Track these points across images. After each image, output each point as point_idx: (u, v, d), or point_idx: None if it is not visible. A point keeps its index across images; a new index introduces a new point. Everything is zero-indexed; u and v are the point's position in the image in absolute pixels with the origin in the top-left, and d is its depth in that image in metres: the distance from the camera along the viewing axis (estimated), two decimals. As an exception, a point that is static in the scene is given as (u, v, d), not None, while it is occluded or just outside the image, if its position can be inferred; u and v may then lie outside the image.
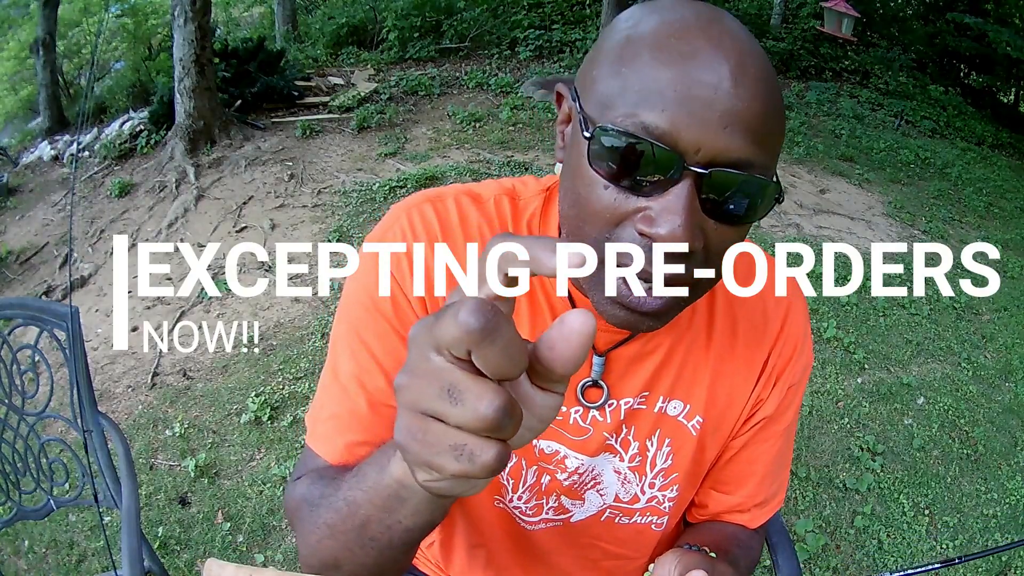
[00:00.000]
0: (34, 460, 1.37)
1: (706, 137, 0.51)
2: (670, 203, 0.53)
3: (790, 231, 4.55)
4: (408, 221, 0.71)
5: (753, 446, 0.81)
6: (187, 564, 2.13)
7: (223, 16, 11.11)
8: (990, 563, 2.24)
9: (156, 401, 2.93)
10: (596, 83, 0.56)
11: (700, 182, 0.53)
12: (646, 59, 0.53)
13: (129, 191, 4.97)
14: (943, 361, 3.37)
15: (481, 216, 0.71)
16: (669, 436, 0.77)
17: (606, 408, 0.74)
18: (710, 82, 0.51)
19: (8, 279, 4.36)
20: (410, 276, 0.69)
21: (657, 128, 0.52)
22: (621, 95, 0.53)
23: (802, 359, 0.78)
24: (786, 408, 0.80)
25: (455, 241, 0.70)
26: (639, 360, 0.73)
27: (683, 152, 0.52)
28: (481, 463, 0.35)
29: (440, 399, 0.35)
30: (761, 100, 0.53)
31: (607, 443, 0.77)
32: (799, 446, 2.66)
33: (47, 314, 1.32)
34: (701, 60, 0.52)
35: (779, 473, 0.85)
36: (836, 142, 6.35)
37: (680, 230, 0.52)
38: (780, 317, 0.77)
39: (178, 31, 5.07)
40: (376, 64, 7.48)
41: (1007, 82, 10.27)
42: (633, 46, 0.54)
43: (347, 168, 5.10)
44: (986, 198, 5.81)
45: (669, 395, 0.75)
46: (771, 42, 8.33)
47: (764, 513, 0.85)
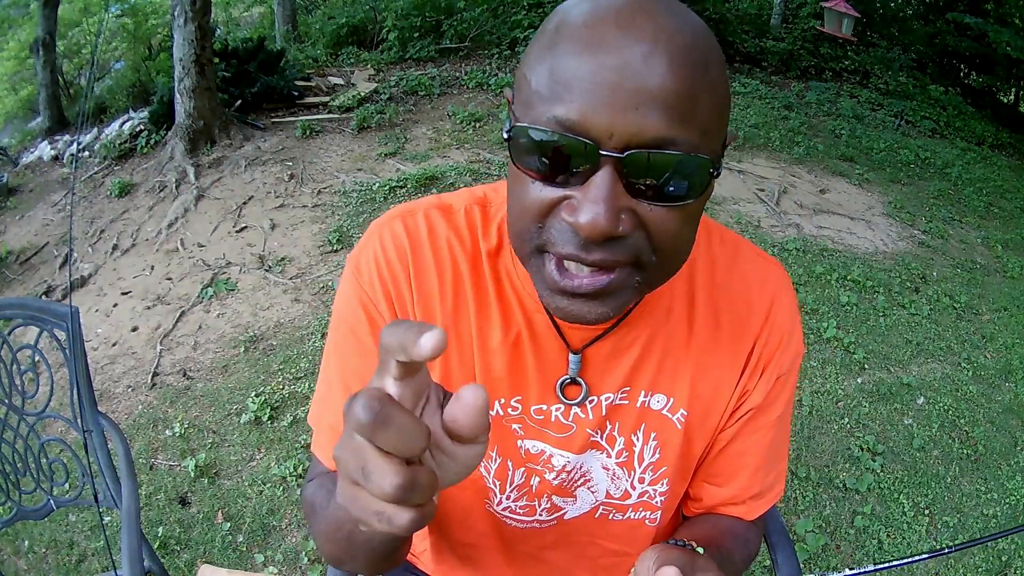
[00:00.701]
0: (34, 460, 1.38)
1: (616, 121, 0.51)
2: (591, 191, 0.53)
3: (790, 231, 4.54)
4: (379, 240, 0.74)
5: (743, 438, 0.80)
6: (187, 564, 2.13)
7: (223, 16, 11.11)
8: (990, 563, 2.24)
9: (156, 401, 2.93)
10: (523, 81, 0.57)
11: (620, 166, 0.53)
12: (560, 52, 0.54)
13: (129, 191, 4.97)
14: (943, 361, 3.37)
15: (449, 228, 0.73)
16: (655, 430, 0.77)
17: (587, 405, 0.75)
18: (616, 65, 0.51)
19: (8, 279, 4.36)
20: (383, 296, 0.73)
21: (568, 120, 0.52)
22: (539, 92, 0.54)
23: (790, 349, 0.77)
24: (775, 399, 0.78)
25: (423, 256, 0.72)
26: (617, 355, 0.74)
27: (597, 139, 0.52)
28: (399, 525, 0.40)
29: (357, 473, 0.40)
30: (678, 76, 0.51)
31: (592, 440, 0.77)
32: (799, 446, 2.67)
33: (47, 314, 1.33)
34: (608, 46, 0.52)
35: (774, 465, 0.83)
36: (836, 142, 6.35)
37: (601, 217, 0.53)
38: (765, 307, 0.76)
39: (178, 31, 5.07)
40: (376, 64, 7.48)
41: (1007, 82, 10.26)
42: (553, 39, 0.55)
43: (347, 168, 5.10)
44: (986, 198, 5.81)
45: (651, 389, 0.75)
46: (771, 42, 8.34)
47: (760, 505, 0.84)
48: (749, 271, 0.76)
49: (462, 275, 0.72)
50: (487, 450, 0.74)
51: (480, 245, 0.73)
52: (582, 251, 0.56)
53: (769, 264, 0.78)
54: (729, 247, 0.77)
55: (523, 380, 0.74)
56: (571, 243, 0.56)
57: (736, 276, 0.76)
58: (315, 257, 4.01)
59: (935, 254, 4.59)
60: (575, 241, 0.55)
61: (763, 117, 6.52)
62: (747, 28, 8.49)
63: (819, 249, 4.31)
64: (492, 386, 0.74)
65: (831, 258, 4.22)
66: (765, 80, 7.72)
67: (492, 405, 0.75)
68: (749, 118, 6.40)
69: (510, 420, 0.76)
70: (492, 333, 0.73)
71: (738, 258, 0.77)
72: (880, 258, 4.38)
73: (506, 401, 0.75)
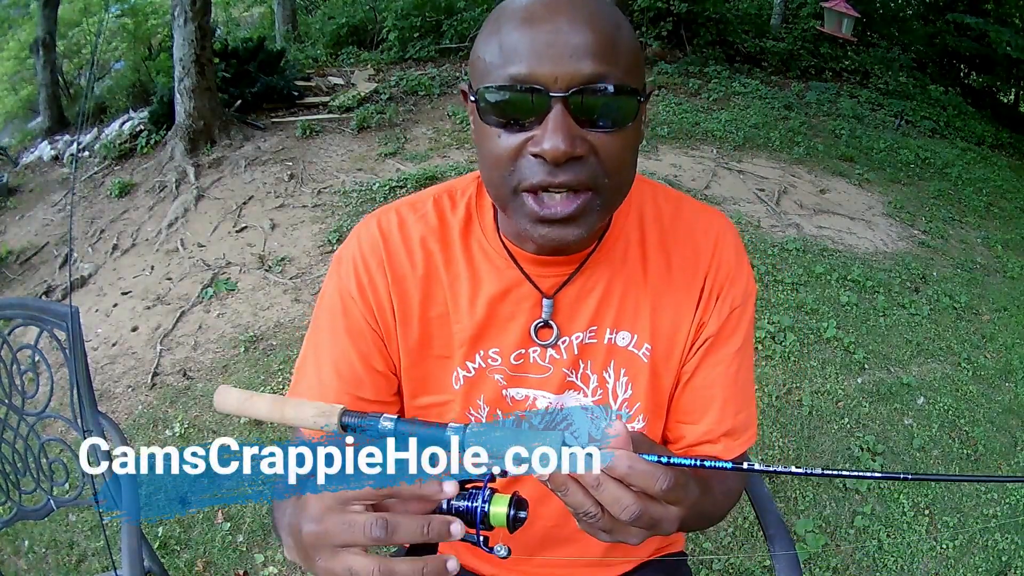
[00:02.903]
0: (34, 460, 1.38)
1: (558, 69, 0.65)
2: (548, 125, 0.66)
3: (790, 231, 4.54)
4: (357, 240, 0.86)
5: (706, 370, 0.87)
6: (187, 564, 2.13)
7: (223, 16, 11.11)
8: (990, 563, 2.24)
9: (156, 401, 2.93)
10: (477, 60, 0.71)
11: (568, 103, 0.66)
12: (504, 30, 0.68)
13: (129, 191, 4.97)
14: (943, 361, 3.37)
15: (418, 221, 0.85)
16: (624, 366, 0.86)
17: (560, 345, 0.85)
18: (550, 30, 0.66)
19: (8, 279, 4.36)
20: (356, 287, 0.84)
21: (520, 74, 0.66)
22: (492, 62, 0.68)
23: (739, 281, 0.86)
24: (732, 331, 0.86)
25: (394, 246, 0.84)
26: (582, 297, 0.84)
27: (545, 85, 0.66)
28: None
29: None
30: (596, 30, 0.66)
31: (568, 379, 0.86)
32: (799, 446, 2.67)
33: (47, 314, 1.32)
34: (542, 18, 0.67)
35: (742, 401, 0.88)
36: (836, 142, 6.35)
37: (561, 141, 0.65)
38: (710, 246, 0.86)
39: (178, 31, 5.07)
40: (376, 64, 7.49)
41: (1007, 82, 10.26)
42: (497, 23, 0.69)
43: (347, 168, 5.10)
44: (986, 198, 5.81)
45: (615, 326, 0.85)
46: (771, 42, 8.34)
47: (737, 445, 0.88)
48: (693, 218, 0.88)
49: (432, 253, 0.84)
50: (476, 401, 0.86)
51: (450, 223, 0.85)
52: (550, 176, 0.67)
53: (711, 212, 0.90)
54: (672, 200, 0.89)
55: (500, 332, 0.84)
56: (540, 172, 0.68)
57: (681, 223, 0.87)
58: (315, 257, 4.01)
59: (935, 254, 4.59)
60: (544, 169, 0.67)
61: (763, 117, 6.52)
62: (747, 28, 8.49)
63: (819, 249, 4.31)
64: (471, 343, 0.85)
65: (831, 258, 4.22)
66: (765, 80, 7.73)
67: (473, 358, 0.85)
68: (749, 118, 6.40)
69: (492, 371, 0.86)
70: (462, 297, 0.84)
71: (682, 208, 0.89)
72: (880, 258, 4.38)
73: (485, 353, 0.85)
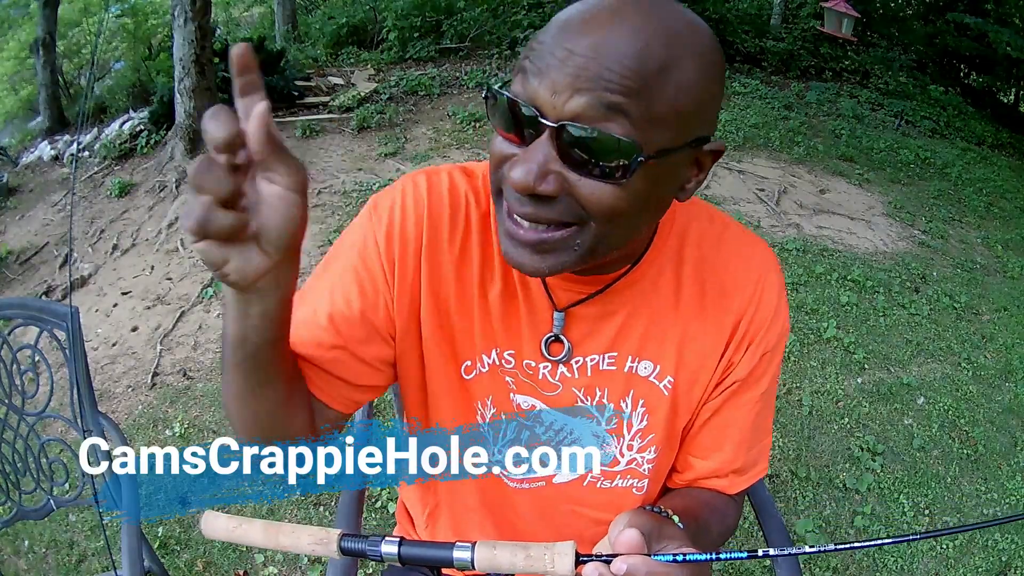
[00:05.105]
0: (34, 460, 1.38)
1: (560, 95, 0.58)
2: (528, 151, 0.60)
3: (790, 231, 4.54)
4: (401, 190, 0.79)
5: (727, 411, 0.82)
6: (187, 564, 2.13)
7: (223, 16, 11.11)
8: (990, 563, 2.24)
9: (156, 401, 2.93)
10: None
11: (557, 136, 0.59)
12: (542, 35, 0.61)
13: (129, 191, 4.97)
14: (943, 361, 3.37)
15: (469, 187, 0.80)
16: (643, 397, 0.81)
17: (573, 364, 0.79)
18: (569, 48, 0.58)
19: (8, 279, 4.36)
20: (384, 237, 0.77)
21: (521, 91, 0.61)
22: (521, 64, 0.62)
23: (776, 326, 0.80)
24: (761, 375, 0.81)
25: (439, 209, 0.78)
26: (603, 319, 0.78)
27: (540, 109, 0.59)
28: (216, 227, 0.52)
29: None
30: (625, 64, 0.56)
31: (580, 404, 0.81)
32: (799, 446, 2.67)
33: (47, 314, 1.33)
34: (577, 28, 0.59)
35: (758, 441, 0.86)
36: (836, 142, 6.35)
37: (527, 175, 0.59)
38: (751, 284, 0.79)
39: (178, 31, 5.07)
40: (376, 64, 7.48)
41: (1007, 82, 10.26)
42: (547, 26, 0.63)
43: (347, 168, 5.10)
44: (986, 198, 5.81)
45: (638, 355, 0.79)
46: (771, 42, 8.33)
47: (743, 480, 0.86)
48: (737, 249, 0.80)
49: (472, 229, 0.78)
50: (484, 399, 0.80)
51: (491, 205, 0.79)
52: (516, 203, 0.63)
53: (757, 244, 0.82)
54: (718, 226, 0.81)
55: (516, 334, 0.79)
56: (511, 194, 0.63)
57: (723, 253, 0.79)
58: (315, 257, 4.01)
59: (935, 254, 4.59)
60: (514, 193, 0.63)
61: (763, 117, 6.52)
62: (747, 28, 8.48)
63: (819, 249, 4.31)
64: (488, 335, 0.79)
65: (831, 258, 4.22)
66: (765, 80, 7.72)
67: (489, 353, 0.80)
68: (749, 118, 6.40)
69: (504, 372, 0.81)
70: (492, 285, 0.78)
71: (726, 236, 0.81)
72: (880, 258, 4.38)
73: (500, 351, 0.80)
